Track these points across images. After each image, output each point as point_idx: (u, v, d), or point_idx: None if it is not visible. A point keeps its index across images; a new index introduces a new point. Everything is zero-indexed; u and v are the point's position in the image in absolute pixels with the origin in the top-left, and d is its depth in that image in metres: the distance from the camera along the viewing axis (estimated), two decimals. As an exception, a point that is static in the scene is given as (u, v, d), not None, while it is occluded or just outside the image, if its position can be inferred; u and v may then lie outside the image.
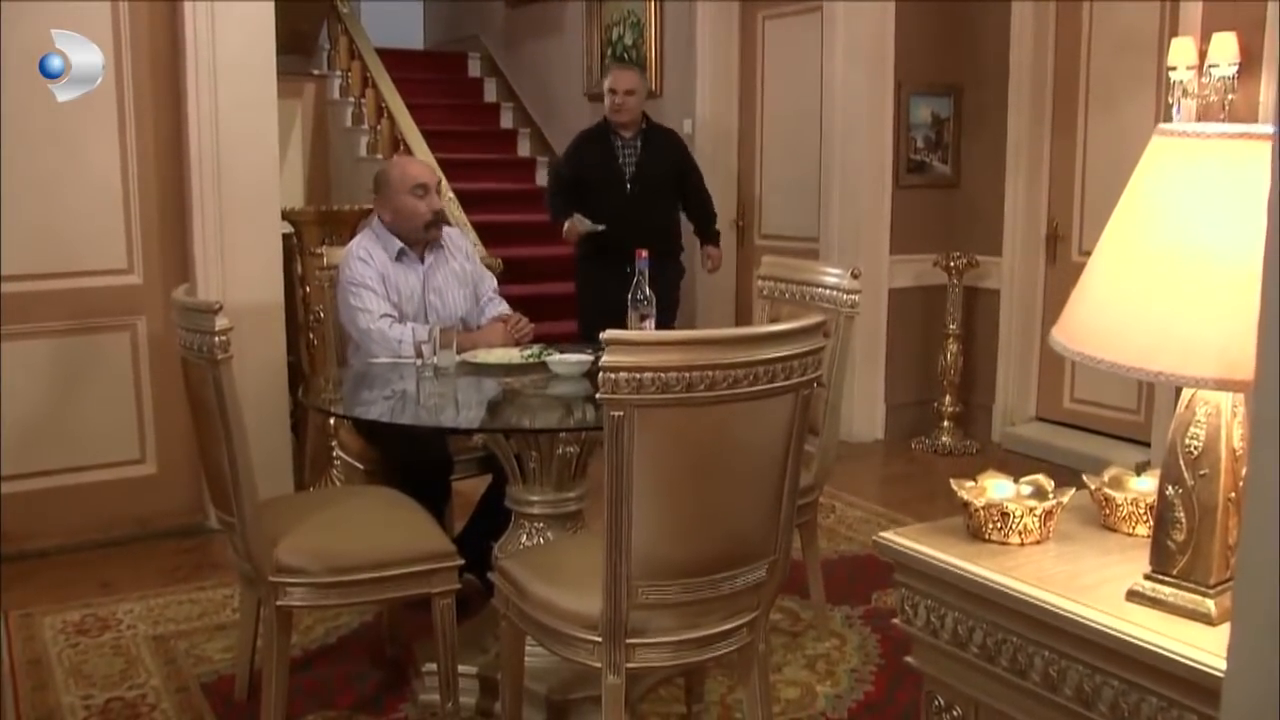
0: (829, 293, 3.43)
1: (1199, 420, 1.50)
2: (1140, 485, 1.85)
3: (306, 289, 4.83)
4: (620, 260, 3.44)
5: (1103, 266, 1.56)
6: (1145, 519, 1.77)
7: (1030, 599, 1.59)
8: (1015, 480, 1.87)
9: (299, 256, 4.89)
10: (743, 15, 6.51)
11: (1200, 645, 1.41)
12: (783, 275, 3.64)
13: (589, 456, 3.03)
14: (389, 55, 7.59)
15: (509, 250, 6.25)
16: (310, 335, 4.75)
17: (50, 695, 3.17)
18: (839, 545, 4.31)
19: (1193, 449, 1.50)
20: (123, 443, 4.40)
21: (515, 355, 3.39)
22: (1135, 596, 1.55)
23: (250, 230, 4.40)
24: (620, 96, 5.24)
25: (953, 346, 5.69)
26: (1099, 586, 1.60)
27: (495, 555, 2.98)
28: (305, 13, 6.81)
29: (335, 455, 4.33)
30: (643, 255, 3.36)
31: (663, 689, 3.05)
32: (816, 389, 2.51)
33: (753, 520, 2.41)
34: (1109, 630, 1.49)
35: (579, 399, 3.01)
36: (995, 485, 1.85)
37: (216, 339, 2.63)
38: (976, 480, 1.86)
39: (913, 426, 5.87)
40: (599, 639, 2.34)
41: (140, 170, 4.33)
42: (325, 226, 4.83)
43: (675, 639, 2.39)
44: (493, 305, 3.85)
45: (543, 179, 8.19)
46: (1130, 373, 1.46)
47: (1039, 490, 1.84)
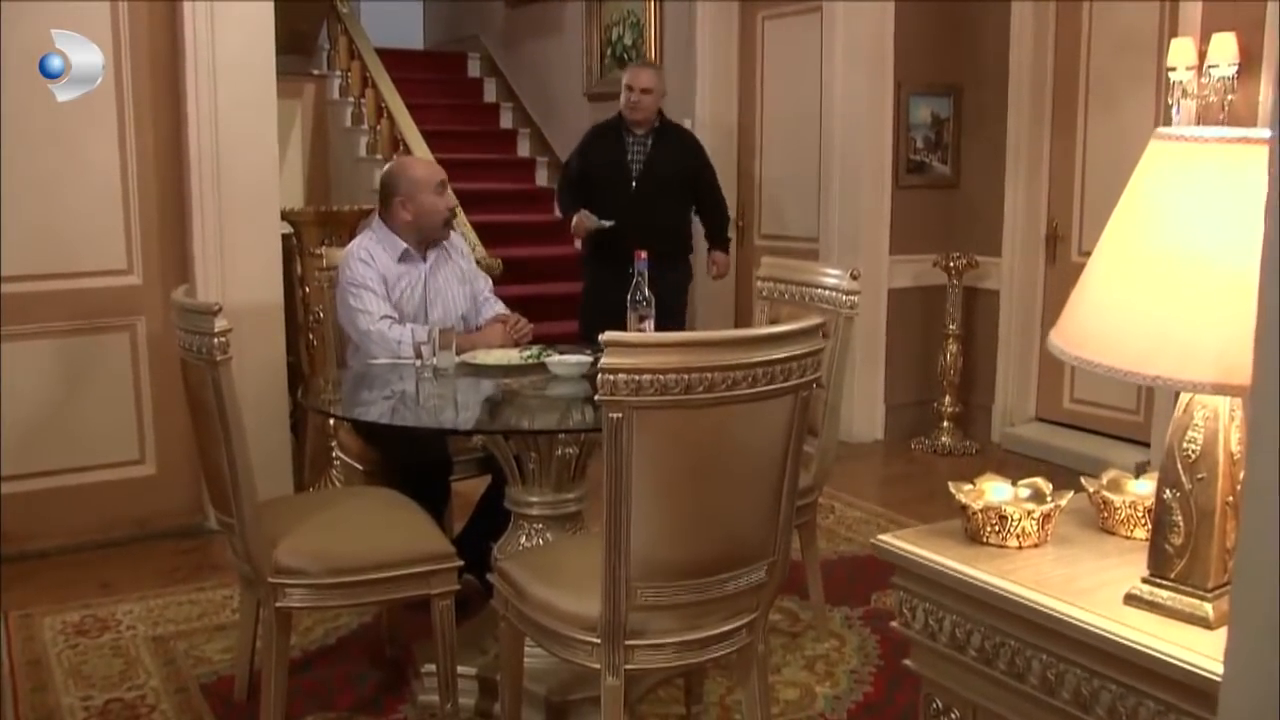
0: (828, 294, 3.44)
1: (1197, 424, 1.50)
2: (1138, 488, 1.84)
3: (306, 289, 4.83)
4: (622, 260, 3.42)
5: (1101, 270, 1.56)
6: (1143, 522, 1.77)
7: (1028, 602, 1.59)
8: (1013, 483, 1.87)
9: (298, 257, 4.89)
10: (742, 15, 6.51)
11: (1198, 649, 1.41)
12: (782, 276, 3.65)
13: (588, 458, 3.03)
14: (389, 55, 7.59)
15: (508, 250, 6.26)
16: (310, 336, 4.75)
17: (50, 696, 3.17)
18: (838, 546, 4.31)
19: (1190, 453, 1.50)
20: (122, 443, 4.40)
21: (514, 356, 3.40)
22: (1133, 600, 1.55)
23: (250, 231, 4.39)
24: (636, 94, 5.16)
25: (952, 347, 5.69)
26: (1097, 590, 1.60)
27: (494, 556, 2.98)
28: (305, 13, 6.81)
29: (335, 456, 4.34)
30: (641, 256, 3.34)
31: (662, 690, 3.05)
32: (815, 390, 2.51)
33: (752, 522, 2.41)
34: (1107, 634, 1.49)
35: (578, 400, 3.01)
36: (993, 488, 1.85)
37: (216, 340, 2.63)
38: (974, 483, 1.86)
39: (912, 427, 5.87)
40: (598, 640, 2.34)
41: (140, 170, 4.32)
42: (325, 227, 4.83)
43: (674, 640, 2.39)
44: (489, 305, 3.85)
45: (542, 179, 8.21)
46: (1128, 377, 1.46)
47: (1037, 493, 1.84)
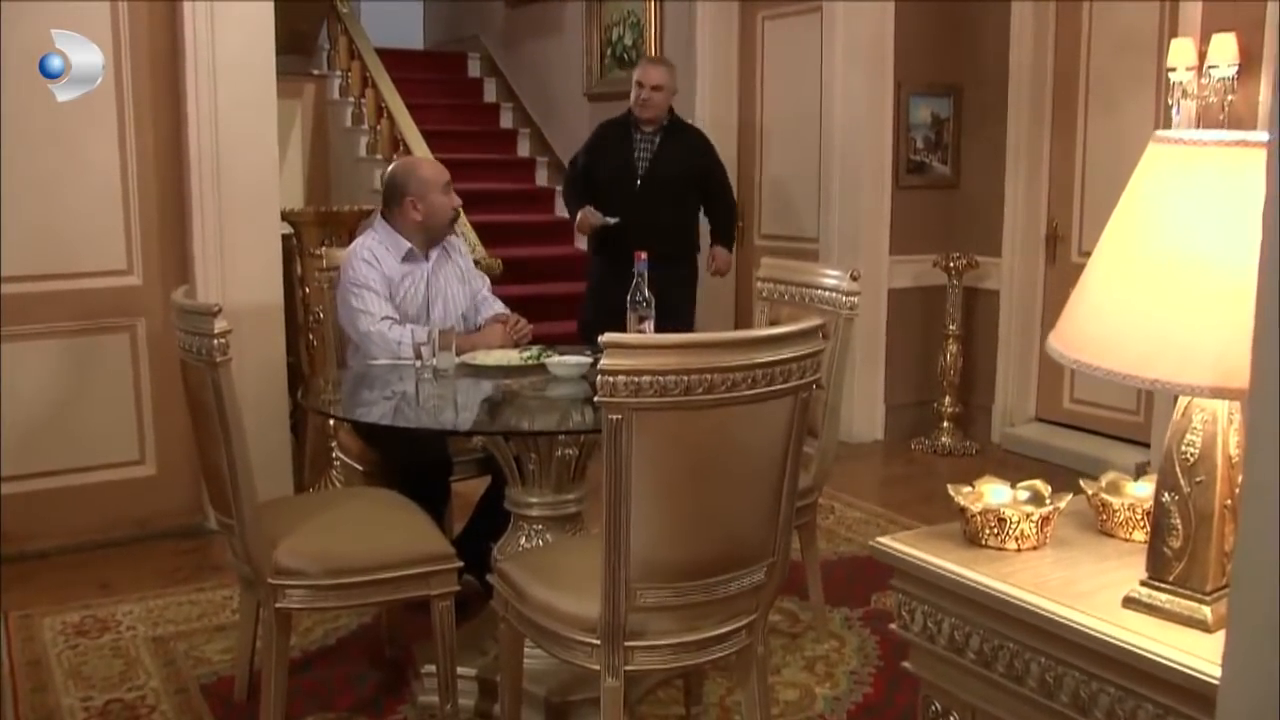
0: (828, 294, 3.44)
1: (1195, 427, 1.50)
2: (1137, 491, 1.85)
3: (306, 290, 4.83)
4: (625, 259, 3.39)
5: (1099, 274, 1.56)
6: (1142, 524, 1.77)
7: (1027, 605, 1.59)
8: (1012, 485, 1.87)
9: (298, 257, 4.89)
10: (742, 16, 6.50)
11: (1196, 652, 1.42)
12: (782, 277, 3.65)
13: (588, 459, 3.03)
14: (389, 55, 7.59)
15: (508, 250, 6.26)
16: (310, 336, 4.75)
17: (50, 697, 3.18)
18: (838, 546, 4.31)
19: (1189, 456, 1.50)
20: (122, 444, 4.40)
21: (514, 357, 3.40)
22: (1131, 603, 1.55)
23: (250, 231, 4.39)
24: (647, 91, 5.08)
25: (952, 347, 5.69)
26: (1096, 593, 1.61)
27: (494, 557, 2.98)
28: (305, 13, 6.80)
29: (335, 456, 4.34)
30: (641, 257, 3.31)
31: (661, 691, 3.05)
32: (815, 391, 2.51)
33: (751, 523, 2.41)
34: (1105, 637, 1.49)
35: (578, 401, 3.01)
36: (992, 490, 1.85)
37: (215, 342, 2.63)
38: (973, 485, 1.86)
39: (912, 427, 5.88)
40: (597, 642, 2.34)
41: (140, 171, 4.32)
42: (325, 227, 4.83)
43: (674, 642, 2.39)
44: (487, 305, 3.85)
45: (542, 179, 8.21)
46: (1127, 380, 1.47)
47: (1036, 495, 1.84)
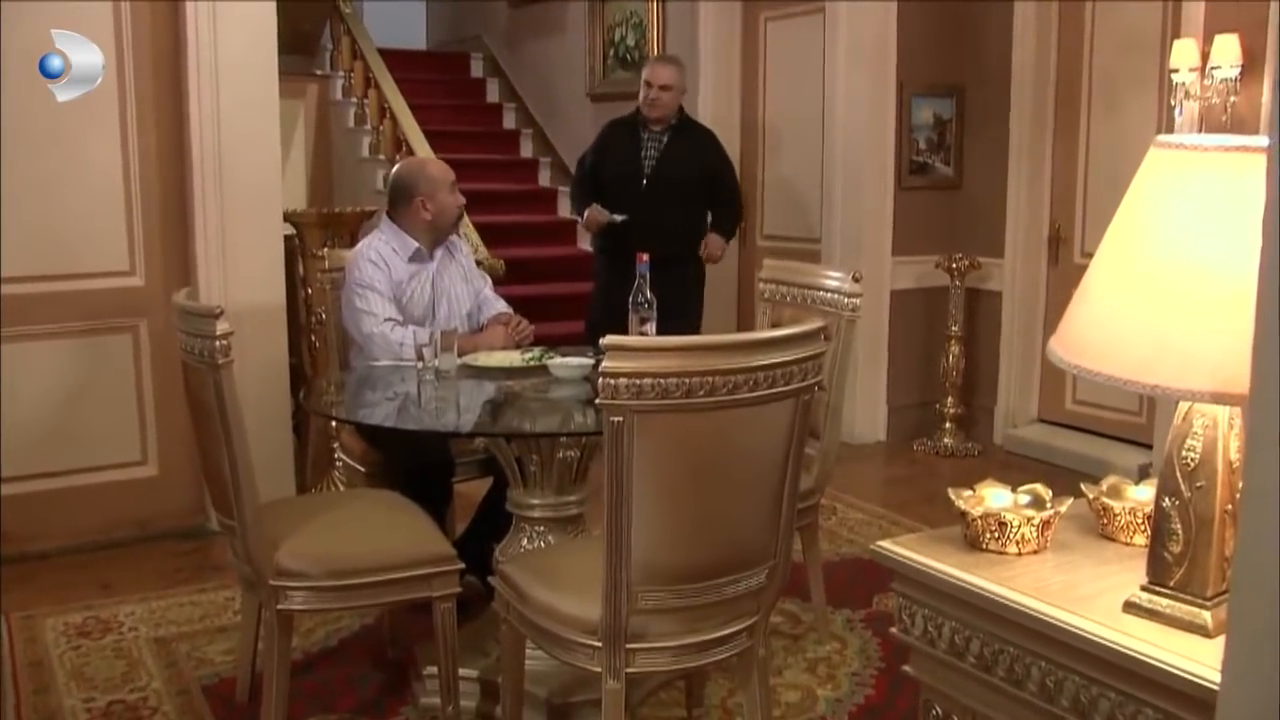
0: (830, 296, 3.44)
1: (1196, 432, 1.50)
2: (1138, 495, 1.85)
3: (308, 291, 4.83)
4: (630, 259, 3.38)
5: (1100, 279, 1.56)
6: (1143, 528, 1.77)
7: (1027, 610, 1.59)
8: (1013, 489, 1.87)
9: (301, 258, 4.88)
10: (745, 16, 6.50)
11: (1197, 657, 1.42)
12: (784, 278, 3.65)
13: (590, 460, 3.03)
14: (391, 56, 7.60)
15: (511, 251, 6.26)
16: (312, 337, 4.75)
17: (52, 698, 3.18)
18: (840, 547, 4.31)
19: (1189, 461, 1.50)
20: (124, 444, 4.40)
21: (516, 358, 3.40)
22: (1132, 608, 1.55)
23: (252, 232, 4.39)
24: (655, 90, 5.03)
25: (955, 348, 5.69)
26: (1096, 597, 1.61)
27: (496, 559, 2.98)
28: (307, 13, 6.80)
29: (337, 457, 4.34)
30: (643, 259, 3.30)
31: (663, 693, 3.06)
32: (817, 392, 2.51)
33: (753, 525, 2.41)
34: (1106, 642, 1.49)
35: (580, 403, 3.01)
36: (993, 494, 1.85)
37: (217, 343, 2.63)
38: (974, 489, 1.86)
39: (915, 428, 5.87)
40: (599, 644, 2.34)
41: (142, 171, 4.32)
42: (327, 228, 4.82)
43: (675, 644, 2.39)
44: (489, 304, 3.86)
45: (545, 180, 8.21)
46: (1127, 386, 1.47)
47: (1037, 499, 1.84)
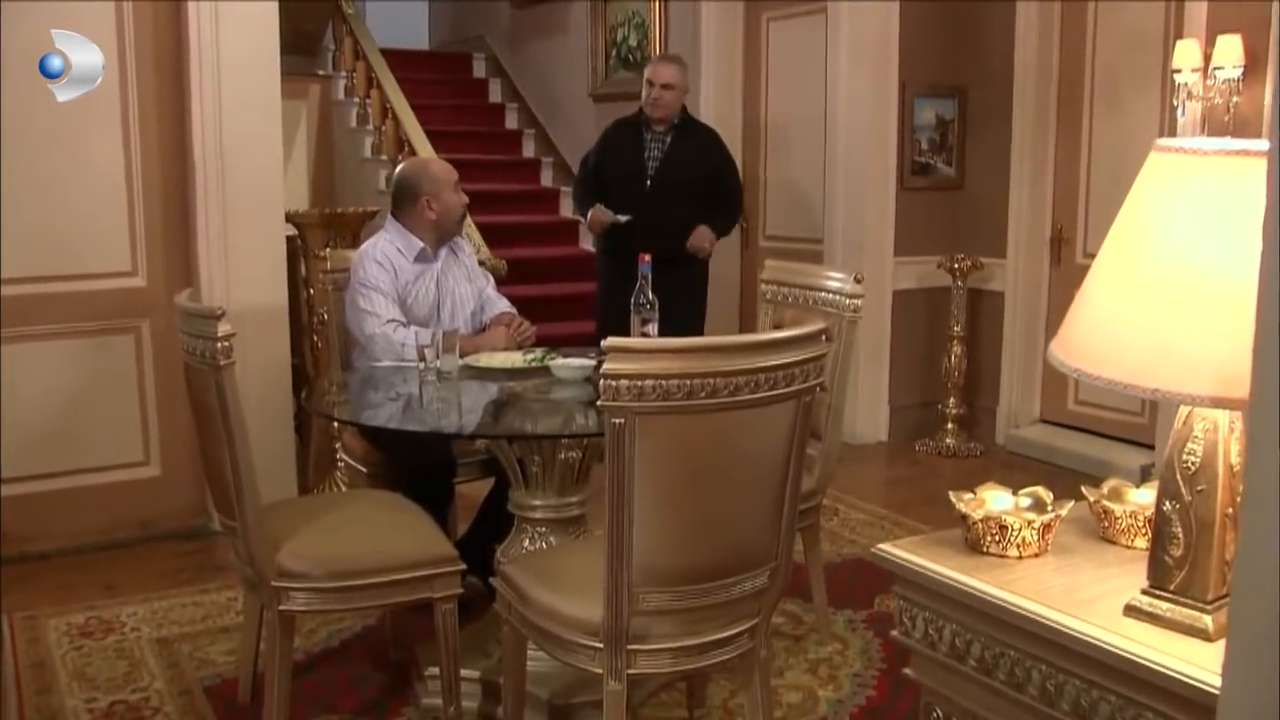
0: (832, 297, 3.44)
1: (1196, 436, 1.50)
2: (1139, 498, 1.84)
3: (310, 291, 4.83)
4: (633, 260, 3.37)
5: (1100, 282, 1.56)
6: (1144, 531, 1.77)
7: (1028, 613, 1.59)
8: (1014, 492, 1.87)
9: (303, 259, 4.89)
10: (747, 16, 6.50)
11: (1197, 661, 1.42)
12: (786, 279, 3.64)
13: (591, 461, 3.02)
14: (394, 56, 7.59)
15: (513, 251, 6.26)
16: (314, 338, 4.75)
17: (54, 698, 3.18)
18: (842, 548, 4.31)
19: (1190, 465, 1.50)
20: (126, 445, 4.41)
21: (518, 359, 3.40)
22: (1133, 611, 1.55)
23: (254, 232, 4.39)
24: (657, 90, 4.99)
25: (957, 348, 5.69)
26: (1097, 600, 1.61)
27: (498, 560, 2.98)
28: (310, 13, 6.81)
29: (339, 458, 4.34)
30: (645, 259, 3.29)
31: (664, 694, 3.06)
32: (819, 393, 2.51)
33: (754, 527, 2.40)
34: (1106, 645, 1.49)
35: (581, 404, 3.01)
36: (993, 497, 1.85)
37: (219, 345, 2.63)
38: (975, 492, 1.86)
39: (917, 428, 5.87)
40: (600, 645, 2.34)
41: (144, 171, 4.32)
42: (329, 229, 4.82)
43: (676, 645, 2.39)
44: (492, 303, 3.86)
45: (547, 180, 8.21)
46: (1127, 389, 1.47)
47: (1037, 502, 1.84)
